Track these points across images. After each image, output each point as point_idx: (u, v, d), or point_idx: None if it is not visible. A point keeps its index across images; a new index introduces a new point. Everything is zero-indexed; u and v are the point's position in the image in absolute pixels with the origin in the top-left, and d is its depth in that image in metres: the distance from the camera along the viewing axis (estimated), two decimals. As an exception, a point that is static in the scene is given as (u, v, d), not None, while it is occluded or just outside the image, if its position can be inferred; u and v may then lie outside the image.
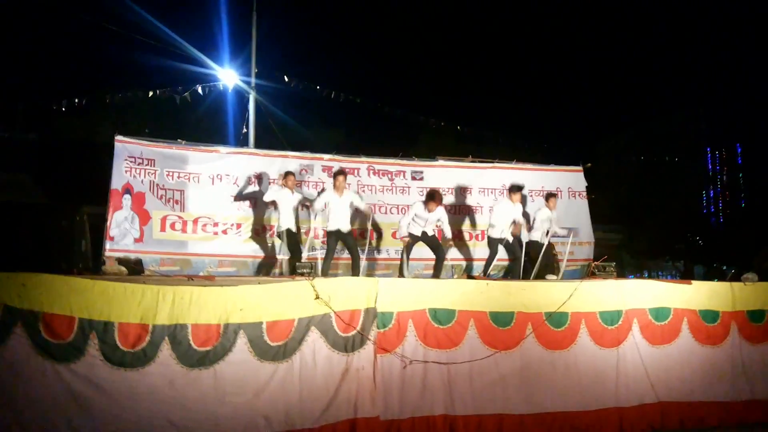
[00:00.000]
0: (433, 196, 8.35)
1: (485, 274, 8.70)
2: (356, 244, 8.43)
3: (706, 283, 7.61)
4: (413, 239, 8.45)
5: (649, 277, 28.55)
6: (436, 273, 8.44)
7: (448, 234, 8.63)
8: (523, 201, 9.30)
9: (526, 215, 9.20)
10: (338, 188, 8.31)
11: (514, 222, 8.76)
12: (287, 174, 8.63)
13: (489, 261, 8.88)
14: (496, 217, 8.76)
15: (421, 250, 8.79)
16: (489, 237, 8.87)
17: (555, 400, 6.47)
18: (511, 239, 8.74)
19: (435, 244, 8.54)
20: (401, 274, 8.45)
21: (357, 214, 8.89)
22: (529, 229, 9.11)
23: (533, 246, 8.98)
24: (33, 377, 5.10)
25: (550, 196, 9.27)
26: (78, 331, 5.23)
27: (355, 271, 8.22)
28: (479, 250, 9.93)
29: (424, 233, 8.39)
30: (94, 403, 5.18)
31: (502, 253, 8.96)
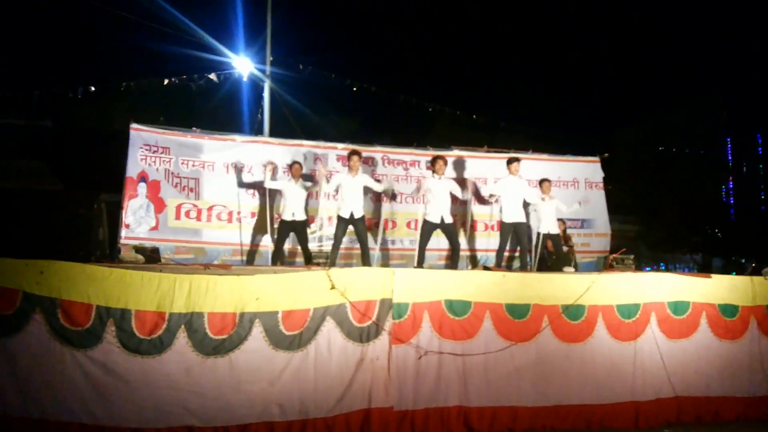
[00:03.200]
0: (440, 156, 8.30)
1: (497, 265, 8.63)
2: (366, 234, 8.35)
3: (725, 276, 7.53)
4: (430, 227, 8.30)
5: (667, 269, 28.29)
6: (453, 264, 8.36)
7: (460, 195, 8.49)
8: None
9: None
10: (352, 168, 8.24)
11: (525, 201, 8.64)
12: (293, 163, 8.62)
13: (499, 250, 8.72)
14: (503, 195, 8.63)
15: (437, 240, 8.74)
16: (501, 222, 8.73)
17: (570, 393, 6.44)
18: (523, 219, 8.57)
19: (452, 233, 8.37)
20: (419, 264, 8.34)
21: (371, 202, 8.84)
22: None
23: (547, 238, 8.88)
24: (51, 363, 5.20)
25: (543, 181, 9.17)
26: (95, 318, 5.31)
27: (365, 262, 8.14)
28: (494, 241, 9.87)
29: (442, 220, 8.22)
30: (111, 389, 5.25)
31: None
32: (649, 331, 6.79)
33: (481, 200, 9.63)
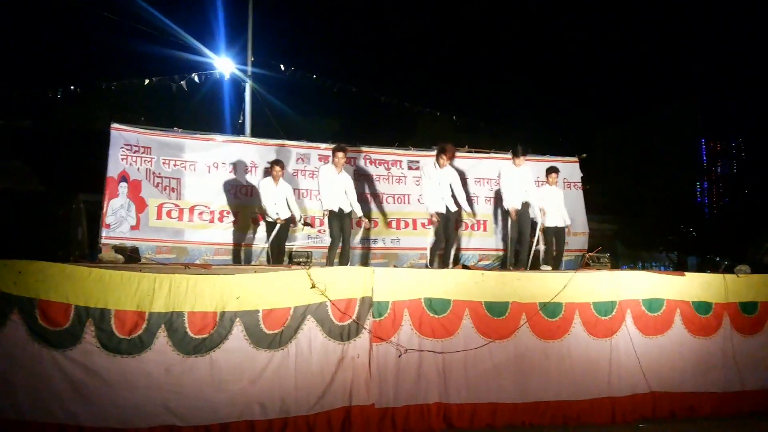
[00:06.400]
0: (444, 150, 8.07)
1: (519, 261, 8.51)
2: (351, 232, 8.31)
3: (699, 274, 7.67)
4: (442, 219, 8.09)
5: (643, 267, 28.70)
6: (445, 262, 8.27)
7: (463, 202, 8.24)
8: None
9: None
10: (337, 165, 8.16)
11: (526, 191, 8.55)
12: (272, 164, 8.48)
13: (508, 244, 8.60)
14: (504, 185, 8.56)
15: (418, 239, 8.80)
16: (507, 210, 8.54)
17: (548, 390, 6.53)
18: (524, 207, 8.51)
19: (449, 224, 8.21)
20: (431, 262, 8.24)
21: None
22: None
23: (552, 232, 8.92)
24: (29, 363, 5.15)
25: (551, 170, 9.13)
26: (74, 318, 5.27)
27: (343, 259, 8.09)
28: (474, 240, 9.98)
29: (447, 209, 8.08)
30: (91, 389, 5.23)
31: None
32: (625, 328, 6.90)
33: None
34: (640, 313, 7.01)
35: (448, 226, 8.24)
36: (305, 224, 8.70)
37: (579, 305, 6.81)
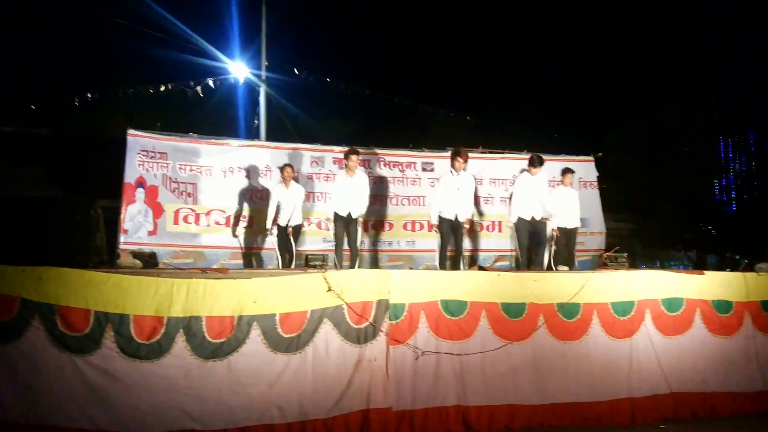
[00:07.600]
0: (458, 153, 8.05)
1: (529, 264, 8.45)
2: (356, 235, 8.26)
3: (719, 273, 7.56)
4: (446, 225, 8.08)
5: (661, 266, 28.41)
6: (454, 265, 8.23)
7: (471, 208, 8.20)
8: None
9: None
10: (350, 169, 8.19)
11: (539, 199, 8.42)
12: (282, 167, 8.45)
13: (521, 249, 8.48)
14: (516, 195, 8.50)
15: (434, 241, 8.77)
16: (518, 217, 8.47)
17: (567, 391, 6.47)
18: (538, 217, 8.43)
19: (458, 232, 8.18)
20: (442, 265, 8.21)
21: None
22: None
23: (562, 233, 8.81)
24: (50, 369, 5.20)
25: (566, 171, 9.01)
26: (94, 324, 5.32)
27: (351, 265, 8.07)
28: (492, 241, 9.97)
29: (456, 217, 8.02)
30: (110, 394, 5.26)
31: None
32: (644, 328, 6.82)
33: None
34: (659, 313, 6.93)
35: (457, 235, 8.17)
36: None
37: (597, 306, 6.74)
